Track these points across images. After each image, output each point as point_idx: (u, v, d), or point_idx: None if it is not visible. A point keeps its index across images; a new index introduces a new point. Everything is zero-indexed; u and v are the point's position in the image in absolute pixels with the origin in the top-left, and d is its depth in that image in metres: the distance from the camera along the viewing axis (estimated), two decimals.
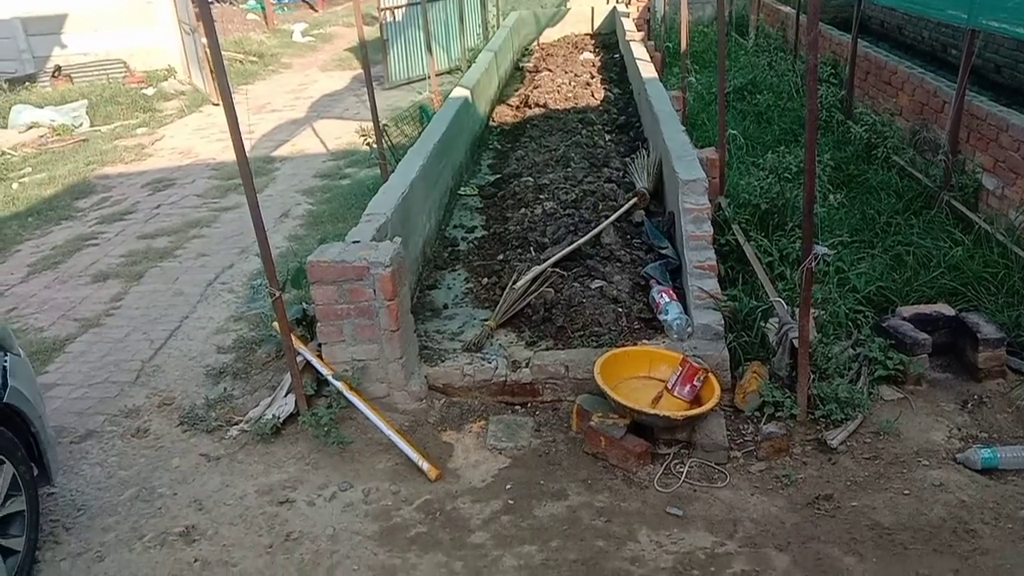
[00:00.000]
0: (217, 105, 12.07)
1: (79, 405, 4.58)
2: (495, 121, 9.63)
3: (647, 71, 8.47)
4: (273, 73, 15.45)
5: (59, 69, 13.56)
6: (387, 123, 8.52)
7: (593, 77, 10.99)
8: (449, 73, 12.81)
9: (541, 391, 4.28)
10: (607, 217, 5.73)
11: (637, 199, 5.95)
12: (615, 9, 14.44)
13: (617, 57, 12.22)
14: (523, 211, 6.26)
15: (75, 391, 4.74)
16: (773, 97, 8.78)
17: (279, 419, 4.13)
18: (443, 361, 4.43)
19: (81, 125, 11.59)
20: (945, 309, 4.40)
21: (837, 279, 4.72)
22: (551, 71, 11.41)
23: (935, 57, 9.54)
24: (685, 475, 3.68)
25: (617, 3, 14.93)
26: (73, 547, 3.49)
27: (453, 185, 7.05)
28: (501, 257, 5.62)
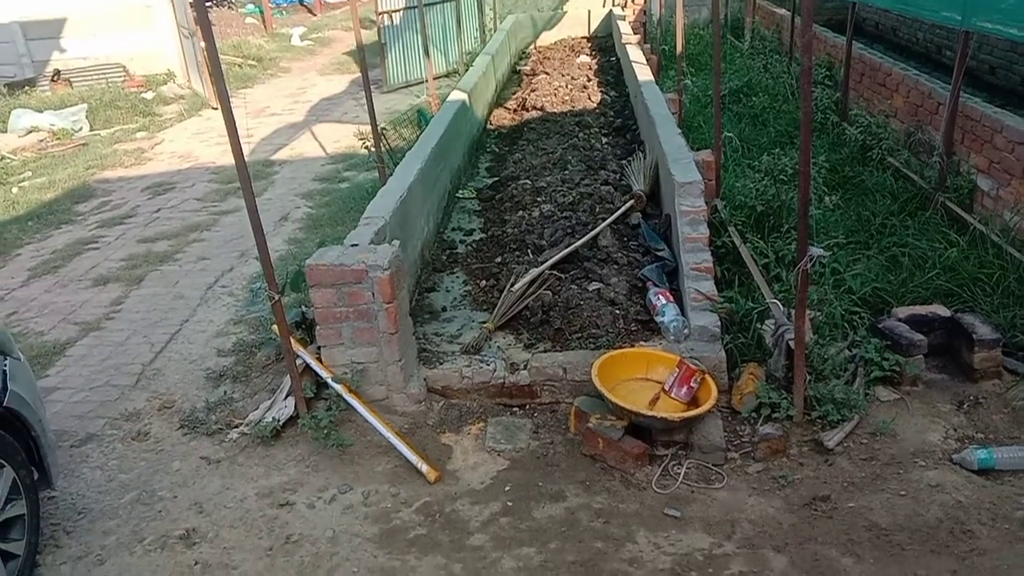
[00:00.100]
0: (216, 109, 12.09)
1: (79, 409, 4.59)
2: (493, 124, 9.65)
3: (643, 74, 8.50)
4: (272, 77, 15.48)
5: (58, 73, 13.58)
6: (385, 126, 8.54)
7: (590, 80, 11.02)
8: (447, 76, 12.83)
9: (539, 393, 4.29)
10: (604, 219, 5.75)
11: (634, 201, 5.97)
12: (611, 12, 14.50)
13: (613, 60, 12.25)
14: (521, 214, 6.29)
15: (75, 395, 4.75)
16: (769, 99, 8.80)
17: (279, 422, 4.15)
18: (442, 363, 4.45)
19: (81, 129, 11.61)
20: (941, 310, 4.42)
21: (833, 280, 4.73)
22: (548, 74, 11.44)
23: (930, 59, 9.57)
24: (683, 476, 3.70)
25: (613, 6, 14.98)
26: (74, 551, 3.51)
27: (451, 188, 7.06)
28: (499, 260, 5.64)
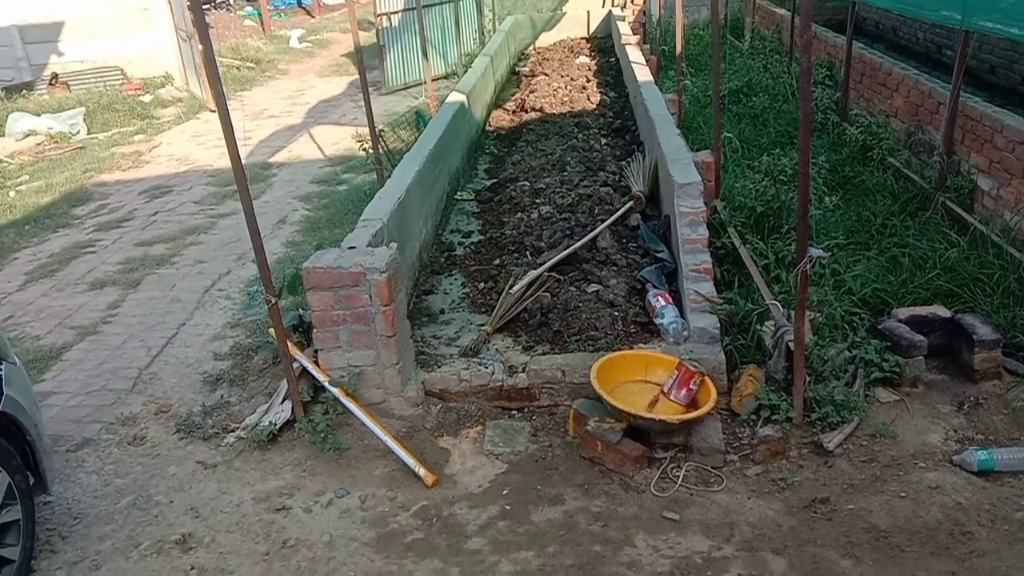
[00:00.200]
0: (214, 112, 12.01)
1: (76, 413, 4.57)
2: (491, 125, 9.64)
3: (643, 74, 8.48)
4: (270, 79, 15.46)
5: (56, 76, 13.56)
6: (384, 128, 8.52)
7: (589, 81, 11.01)
8: (445, 78, 12.82)
9: (538, 396, 4.27)
10: (603, 221, 5.73)
11: (633, 203, 5.95)
12: (611, 13, 14.49)
13: (613, 61, 12.24)
14: (519, 215, 6.27)
15: (72, 399, 4.73)
16: (768, 100, 8.79)
17: (276, 426, 4.13)
18: (440, 366, 4.43)
19: (78, 132, 11.60)
20: (941, 311, 4.40)
21: (833, 281, 4.72)
22: (547, 75, 11.43)
23: (930, 58, 9.57)
24: (681, 479, 3.68)
25: (613, 7, 14.97)
26: (69, 556, 3.49)
27: (450, 190, 7.05)
28: (498, 262, 5.63)
